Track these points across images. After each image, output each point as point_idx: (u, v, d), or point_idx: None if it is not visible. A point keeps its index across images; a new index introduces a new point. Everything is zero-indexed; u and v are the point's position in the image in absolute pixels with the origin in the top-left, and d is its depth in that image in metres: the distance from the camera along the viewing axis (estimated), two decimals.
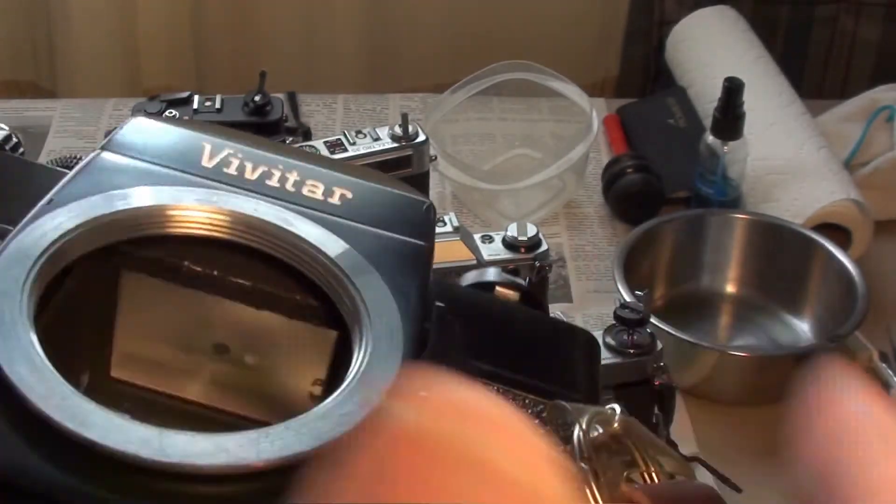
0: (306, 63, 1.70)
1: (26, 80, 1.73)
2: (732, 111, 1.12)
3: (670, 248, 1.11)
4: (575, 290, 1.12)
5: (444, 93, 1.25)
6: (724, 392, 1.00)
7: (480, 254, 0.98)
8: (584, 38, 1.72)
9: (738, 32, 1.34)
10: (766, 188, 1.15)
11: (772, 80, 1.27)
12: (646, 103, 1.38)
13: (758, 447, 0.96)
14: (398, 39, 1.70)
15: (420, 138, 1.11)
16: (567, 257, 1.16)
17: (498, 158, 1.29)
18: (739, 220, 1.12)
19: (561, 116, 1.33)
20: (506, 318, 0.48)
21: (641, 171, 1.18)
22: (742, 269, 1.11)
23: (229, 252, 0.52)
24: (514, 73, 1.24)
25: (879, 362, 1.03)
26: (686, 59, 1.35)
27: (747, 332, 1.08)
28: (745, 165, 1.15)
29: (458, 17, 1.70)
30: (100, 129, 1.30)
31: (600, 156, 1.29)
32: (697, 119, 1.28)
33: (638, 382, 0.89)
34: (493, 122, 1.33)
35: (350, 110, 1.36)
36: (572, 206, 1.23)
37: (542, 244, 1.01)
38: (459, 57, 1.67)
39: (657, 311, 1.03)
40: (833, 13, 1.61)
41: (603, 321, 1.05)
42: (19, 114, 1.35)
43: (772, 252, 1.10)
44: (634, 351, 0.88)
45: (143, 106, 1.16)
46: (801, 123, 1.20)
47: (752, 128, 1.17)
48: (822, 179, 1.13)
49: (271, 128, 1.15)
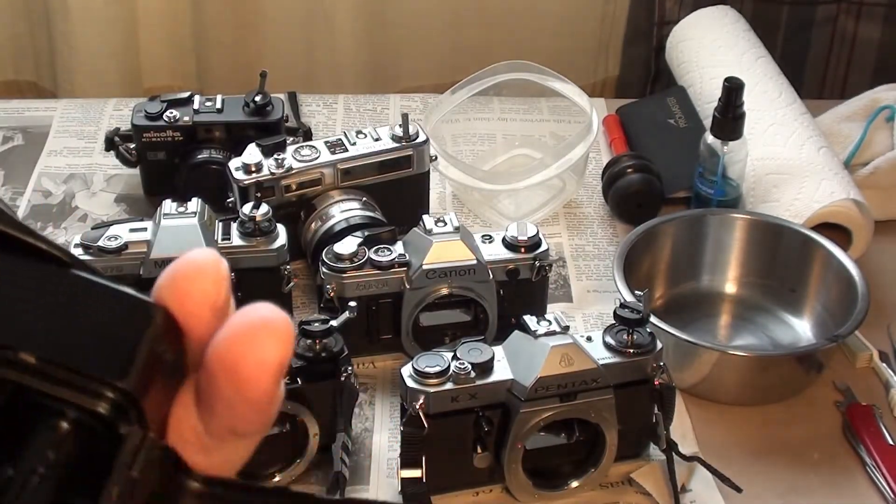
0: (307, 63, 1.70)
1: (27, 81, 1.73)
2: (732, 111, 1.12)
3: (670, 248, 1.11)
4: (575, 290, 1.12)
5: (444, 93, 1.25)
6: (724, 392, 1.00)
7: (480, 254, 0.98)
8: (584, 38, 1.73)
9: (738, 32, 1.34)
10: (766, 188, 1.15)
11: (772, 80, 1.27)
12: (646, 103, 1.38)
13: (758, 447, 0.96)
14: (398, 39, 1.71)
15: (420, 138, 1.11)
16: (567, 257, 1.16)
17: (498, 158, 1.29)
18: (739, 220, 1.12)
19: (561, 116, 1.33)
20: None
21: (641, 171, 1.18)
22: (742, 269, 1.11)
23: None
24: (514, 73, 1.24)
25: (879, 362, 1.03)
26: (686, 59, 1.35)
27: (747, 332, 1.08)
28: (745, 165, 1.15)
29: (458, 17, 1.70)
30: (100, 129, 1.30)
31: (600, 156, 1.29)
32: (697, 119, 1.28)
33: (638, 382, 0.89)
34: (493, 122, 1.33)
35: (350, 110, 1.36)
36: (572, 206, 1.23)
37: (542, 244, 1.01)
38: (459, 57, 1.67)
39: (657, 311, 1.03)
40: (833, 13, 1.61)
41: (603, 321, 1.05)
42: (20, 114, 1.35)
43: (772, 252, 1.10)
44: (634, 351, 0.88)
45: (144, 106, 1.16)
46: (801, 123, 1.21)
47: (752, 128, 1.17)
48: (822, 179, 1.13)
49: (272, 128, 1.15)
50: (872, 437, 0.95)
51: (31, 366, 0.27)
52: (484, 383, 0.85)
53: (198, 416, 0.30)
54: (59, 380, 0.27)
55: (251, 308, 0.29)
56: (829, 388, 1.01)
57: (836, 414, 0.99)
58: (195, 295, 0.29)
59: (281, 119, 1.17)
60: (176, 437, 0.30)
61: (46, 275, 0.28)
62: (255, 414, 0.29)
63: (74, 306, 0.28)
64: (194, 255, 0.30)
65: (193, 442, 0.30)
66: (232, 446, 0.31)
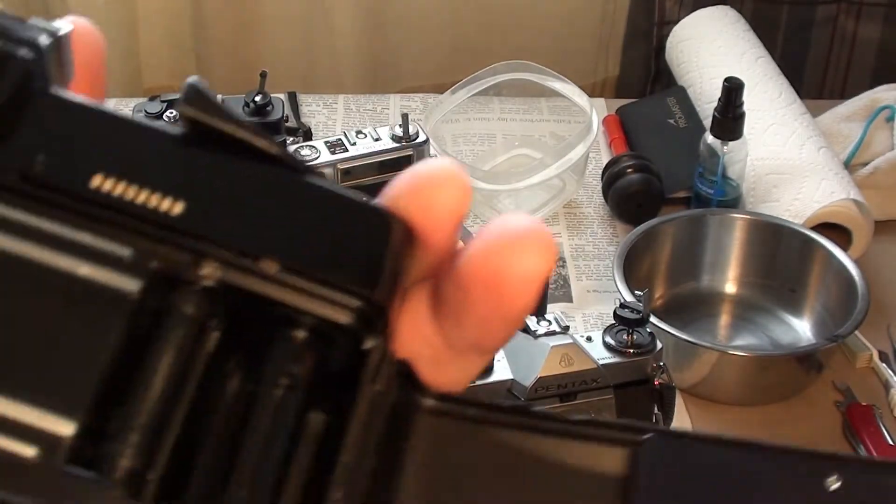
0: (307, 63, 1.70)
1: None
2: (732, 111, 1.12)
3: (670, 248, 1.11)
4: (575, 290, 1.12)
5: (444, 93, 1.25)
6: (724, 392, 1.00)
7: None
8: (584, 38, 1.73)
9: (739, 32, 1.34)
10: (766, 188, 1.15)
11: (772, 80, 1.27)
12: (646, 103, 1.38)
13: None
14: (398, 39, 1.70)
15: (420, 138, 1.11)
16: (567, 257, 1.16)
17: (498, 158, 1.29)
18: (739, 220, 1.12)
19: (561, 116, 1.33)
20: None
21: (641, 171, 1.18)
22: (742, 269, 1.11)
23: None
24: (514, 73, 1.24)
25: (879, 362, 1.03)
26: (686, 59, 1.35)
27: (747, 332, 1.08)
28: (745, 165, 1.15)
29: (458, 17, 1.70)
30: None
31: (600, 156, 1.29)
32: (697, 119, 1.28)
33: (638, 382, 0.89)
34: (493, 122, 1.33)
35: (350, 110, 1.36)
36: (572, 206, 1.23)
37: None
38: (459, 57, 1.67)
39: (657, 311, 1.03)
40: (833, 13, 1.61)
41: (603, 321, 1.05)
42: None
43: (772, 252, 1.10)
44: (634, 351, 0.88)
45: (144, 106, 1.16)
46: (801, 123, 1.21)
47: (752, 128, 1.17)
48: (822, 179, 1.13)
49: (272, 128, 1.15)
50: (872, 437, 0.95)
51: (272, 276, 0.25)
52: (484, 383, 0.85)
53: (434, 328, 0.28)
54: (302, 290, 0.25)
55: (510, 217, 0.27)
56: (829, 388, 1.01)
57: (836, 414, 0.99)
58: (440, 205, 0.28)
59: (281, 119, 1.17)
60: (406, 351, 0.28)
61: (282, 182, 0.27)
62: (507, 330, 0.27)
63: (312, 214, 0.26)
64: (437, 164, 0.28)
65: (426, 356, 0.28)
66: (469, 362, 0.29)
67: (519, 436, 0.28)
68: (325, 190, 0.27)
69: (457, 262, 0.27)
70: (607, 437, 0.27)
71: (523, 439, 0.28)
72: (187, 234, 0.25)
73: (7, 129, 0.26)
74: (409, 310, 0.28)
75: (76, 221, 0.25)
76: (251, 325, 0.26)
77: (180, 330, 0.25)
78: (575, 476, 0.27)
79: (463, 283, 0.27)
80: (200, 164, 0.26)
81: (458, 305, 0.27)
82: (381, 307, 0.26)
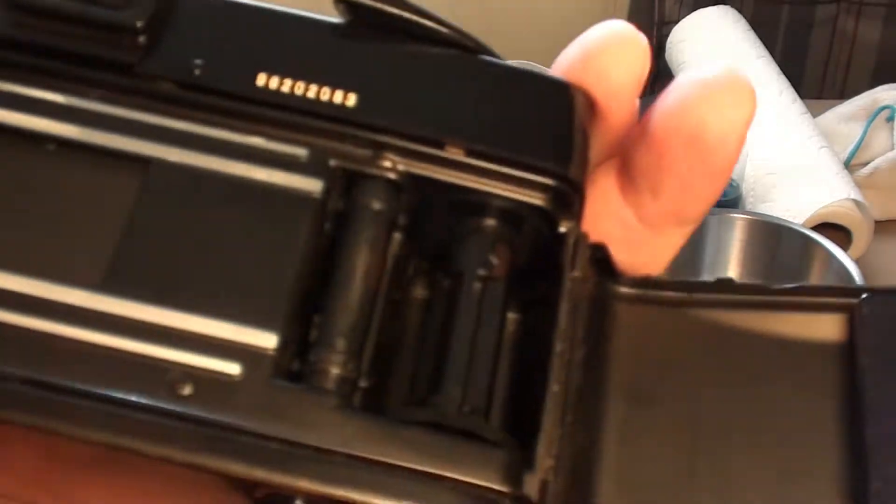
0: None
1: None
2: None
3: None
4: None
5: None
6: None
7: None
8: None
9: (739, 32, 1.34)
10: (766, 188, 1.15)
11: (772, 81, 1.27)
12: (646, 103, 1.38)
13: None
14: None
15: None
16: None
17: None
18: (739, 220, 1.11)
19: None
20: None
21: None
22: (742, 269, 1.11)
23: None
24: None
25: None
26: (686, 59, 1.35)
27: None
28: (745, 165, 1.15)
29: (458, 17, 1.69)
30: None
31: None
32: None
33: None
34: None
35: None
36: None
37: None
38: None
39: None
40: (833, 13, 1.61)
41: None
42: None
43: (772, 252, 1.10)
44: None
45: None
46: (801, 123, 1.20)
47: (752, 128, 1.16)
48: (822, 179, 1.13)
49: None
50: None
51: (459, 161, 0.24)
52: None
53: (626, 206, 0.26)
54: (492, 173, 0.24)
55: (702, 69, 0.26)
56: None
57: None
58: (618, 71, 0.26)
59: None
60: (597, 235, 0.26)
61: (456, 63, 0.25)
62: (711, 189, 0.26)
63: (492, 94, 0.25)
64: (608, 27, 0.26)
65: (619, 238, 0.26)
66: (665, 238, 0.28)
67: (724, 314, 0.26)
68: (501, 67, 0.25)
69: (647, 125, 0.26)
70: (822, 305, 0.25)
71: (730, 317, 0.26)
72: (364, 127, 0.24)
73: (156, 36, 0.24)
74: (597, 191, 0.26)
75: (245, 126, 0.24)
76: (434, 222, 0.25)
77: (371, 226, 0.24)
78: (792, 347, 0.25)
79: (659, 145, 0.25)
80: (367, 52, 0.25)
81: (654, 172, 0.25)
82: (576, 185, 0.24)
